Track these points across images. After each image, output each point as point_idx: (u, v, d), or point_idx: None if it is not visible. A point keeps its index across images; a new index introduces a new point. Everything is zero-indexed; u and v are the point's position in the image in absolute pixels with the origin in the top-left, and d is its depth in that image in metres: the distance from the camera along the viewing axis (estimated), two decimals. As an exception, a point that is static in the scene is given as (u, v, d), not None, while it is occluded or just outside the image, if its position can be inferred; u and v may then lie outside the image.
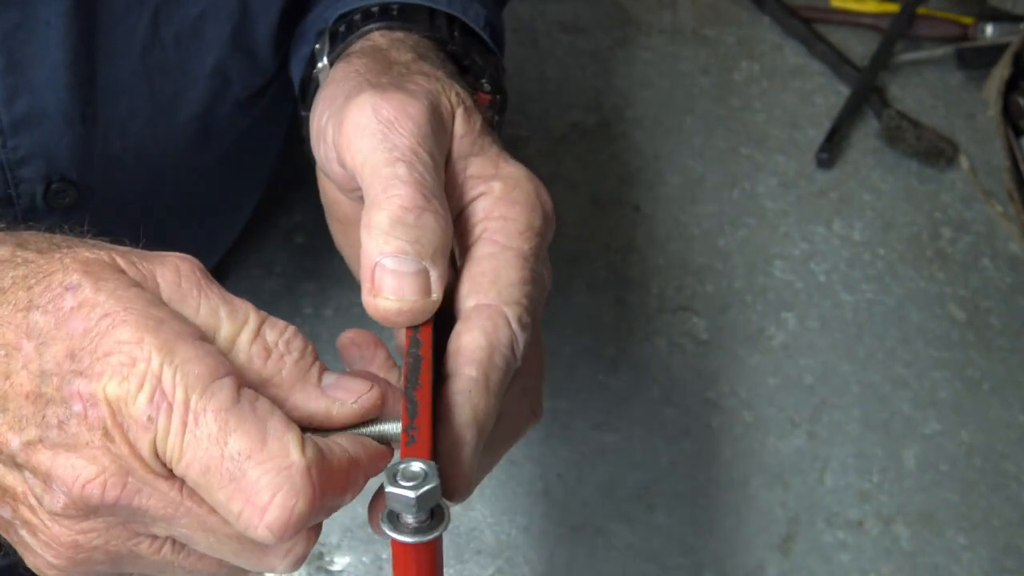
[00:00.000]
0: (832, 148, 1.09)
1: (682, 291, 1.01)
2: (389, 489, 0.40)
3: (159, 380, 0.42)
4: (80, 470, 0.44)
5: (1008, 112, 1.11)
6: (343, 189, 0.56)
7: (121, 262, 0.45)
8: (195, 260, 0.47)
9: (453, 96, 0.54)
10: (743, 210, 1.06)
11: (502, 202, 0.52)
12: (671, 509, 0.89)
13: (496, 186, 0.53)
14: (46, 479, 0.44)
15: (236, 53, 0.71)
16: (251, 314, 0.47)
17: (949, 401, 0.96)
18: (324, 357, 0.46)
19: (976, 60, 1.15)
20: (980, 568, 0.88)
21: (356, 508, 0.93)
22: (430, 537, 0.41)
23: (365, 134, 0.51)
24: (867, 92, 1.12)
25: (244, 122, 0.76)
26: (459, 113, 0.54)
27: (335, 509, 0.45)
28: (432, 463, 0.41)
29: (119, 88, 0.67)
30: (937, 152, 1.08)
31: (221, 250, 0.91)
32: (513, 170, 0.53)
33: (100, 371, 0.43)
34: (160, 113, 0.69)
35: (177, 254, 0.47)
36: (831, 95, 1.14)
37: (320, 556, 0.86)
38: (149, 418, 0.42)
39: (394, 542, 0.41)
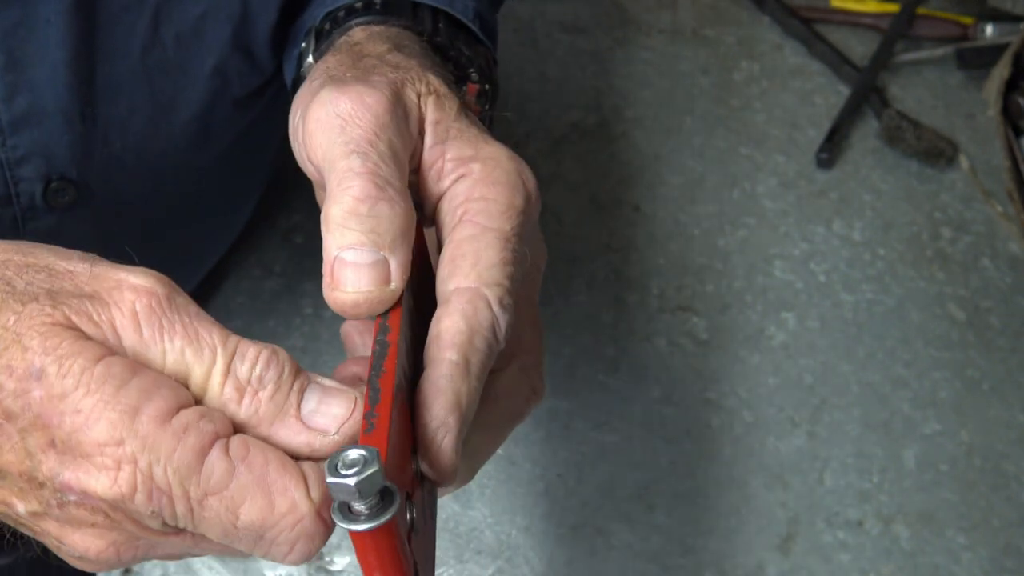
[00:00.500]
0: (832, 148, 1.09)
1: (682, 291, 1.01)
2: (330, 479, 0.39)
3: (151, 479, 0.42)
4: (90, 544, 0.44)
5: (1008, 112, 1.11)
6: (319, 187, 0.55)
7: (78, 321, 0.43)
8: (153, 288, 0.45)
9: (423, 85, 0.54)
10: (743, 210, 1.06)
11: (482, 183, 0.51)
12: (671, 509, 0.89)
13: (475, 167, 0.52)
14: (58, 541, 0.45)
15: (236, 53, 0.71)
16: (219, 349, 0.45)
17: (949, 401, 0.96)
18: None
19: (976, 60, 1.15)
20: (980, 568, 0.88)
21: (356, 508, 0.93)
22: (381, 521, 0.40)
23: (323, 129, 0.50)
24: (867, 92, 1.12)
25: (243, 122, 0.76)
26: (430, 100, 0.53)
27: None
28: (373, 448, 0.40)
29: (119, 87, 0.67)
30: (937, 152, 1.08)
31: (221, 250, 0.91)
32: (493, 150, 0.52)
33: (87, 470, 0.42)
34: (160, 113, 0.70)
35: (133, 282, 0.45)
36: (831, 95, 1.14)
37: (320, 556, 0.86)
38: (153, 512, 0.42)
39: (351, 532, 0.41)
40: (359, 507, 0.40)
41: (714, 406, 0.94)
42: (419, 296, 0.52)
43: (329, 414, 0.45)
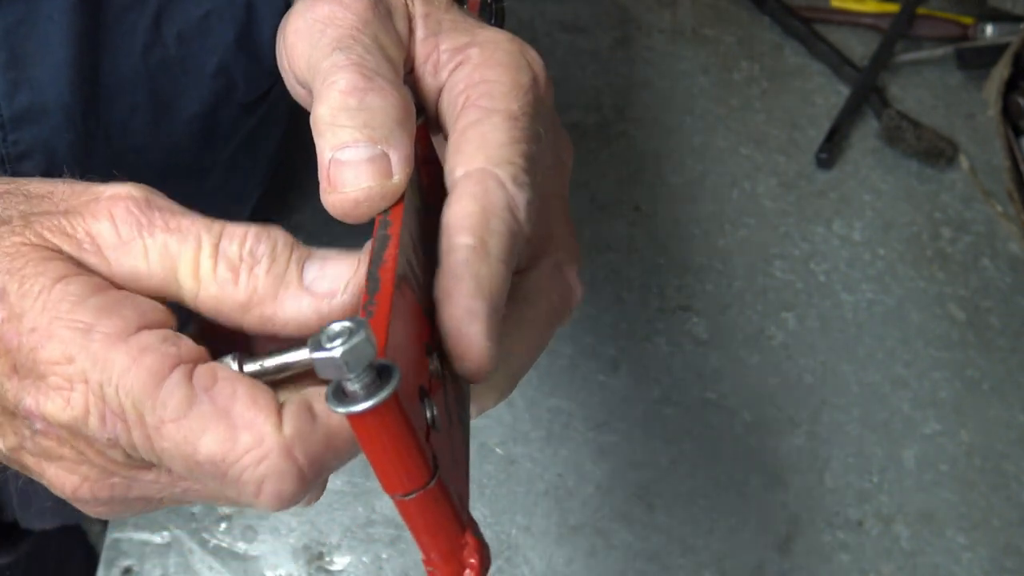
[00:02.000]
0: (832, 148, 1.09)
1: (682, 291, 1.01)
2: (314, 355, 0.35)
3: (104, 400, 0.40)
4: (64, 479, 0.43)
5: (1008, 112, 1.11)
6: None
7: (51, 237, 0.42)
8: (130, 193, 0.44)
9: None
10: (743, 210, 1.06)
11: (482, 66, 0.48)
12: (671, 509, 0.89)
13: (474, 52, 0.49)
14: (40, 478, 0.44)
15: (241, 55, 0.71)
16: (203, 235, 0.43)
17: (949, 401, 0.96)
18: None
19: (976, 60, 1.14)
20: (980, 568, 0.88)
21: (356, 508, 0.94)
22: (380, 398, 0.35)
23: (303, 37, 0.48)
24: (867, 92, 1.12)
25: (248, 124, 0.76)
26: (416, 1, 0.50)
27: (347, 462, 0.42)
28: (359, 319, 0.36)
29: (121, 86, 0.67)
30: (937, 152, 1.08)
31: (221, 249, 0.91)
32: (491, 34, 0.49)
33: (44, 392, 0.40)
34: (162, 112, 0.69)
35: (110, 192, 0.44)
36: (831, 95, 1.14)
37: (320, 556, 0.85)
38: (109, 439, 0.40)
39: (349, 418, 0.36)
40: (353, 387, 0.35)
41: (714, 406, 0.94)
42: (430, 204, 0.48)
43: (333, 276, 0.43)
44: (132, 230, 0.43)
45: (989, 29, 1.16)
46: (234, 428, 0.39)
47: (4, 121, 0.64)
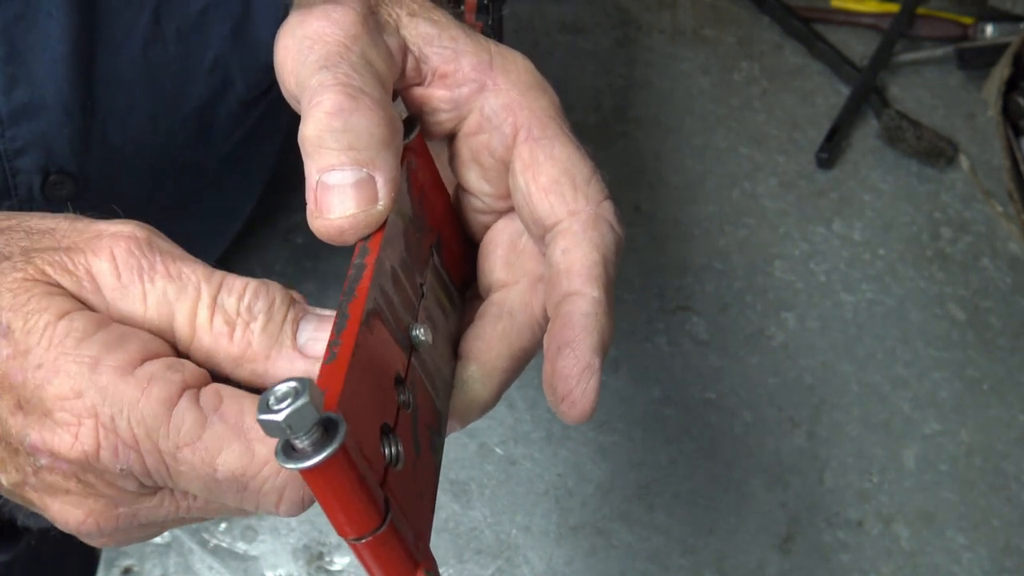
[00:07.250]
0: (832, 148, 1.09)
1: (682, 291, 1.01)
2: (260, 417, 0.36)
3: (115, 432, 0.40)
4: (68, 514, 0.43)
5: (1008, 112, 1.11)
6: None
7: (51, 272, 0.42)
8: (133, 233, 0.44)
9: (397, 7, 0.51)
10: (743, 210, 1.06)
11: (515, 90, 0.48)
12: (671, 509, 0.89)
13: (498, 77, 0.49)
14: (44, 512, 0.44)
15: (237, 50, 0.70)
16: (203, 285, 0.43)
17: (949, 401, 0.96)
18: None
19: (976, 60, 1.14)
20: (980, 568, 0.88)
21: (356, 508, 0.93)
22: (322, 457, 0.36)
23: (292, 55, 0.48)
24: (867, 92, 1.12)
25: (247, 122, 0.76)
26: (403, 13, 0.50)
27: None
28: (305, 379, 0.36)
29: (119, 81, 0.67)
30: (937, 152, 1.08)
31: (220, 249, 0.91)
32: (504, 51, 0.50)
33: (50, 428, 0.40)
34: (160, 108, 0.69)
35: (113, 231, 0.44)
36: (831, 95, 1.14)
37: (320, 556, 0.85)
38: (122, 470, 0.40)
39: (303, 474, 0.37)
40: (302, 444, 0.37)
41: (714, 406, 0.94)
42: (420, 215, 0.48)
43: (326, 339, 0.42)
44: (132, 274, 0.43)
45: (989, 29, 1.16)
46: (249, 442, 0.40)
47: (3, 116, 0.64)
